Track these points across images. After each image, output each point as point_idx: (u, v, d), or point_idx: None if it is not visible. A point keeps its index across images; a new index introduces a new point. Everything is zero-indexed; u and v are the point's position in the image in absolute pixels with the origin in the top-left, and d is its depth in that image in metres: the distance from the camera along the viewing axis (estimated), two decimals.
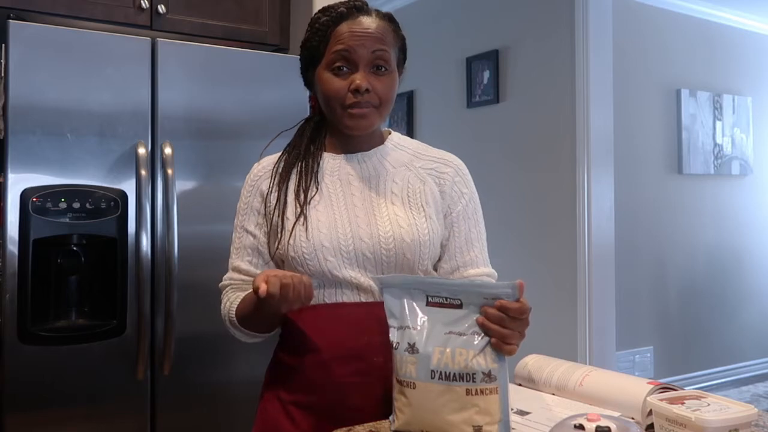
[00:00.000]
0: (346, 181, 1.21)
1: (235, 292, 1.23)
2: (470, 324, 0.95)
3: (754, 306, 4.83)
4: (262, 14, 2.40)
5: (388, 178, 1.22)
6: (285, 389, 1.19)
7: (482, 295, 0.95)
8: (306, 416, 1.15)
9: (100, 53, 1.92)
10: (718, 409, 0.88)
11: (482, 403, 0.92)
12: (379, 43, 1.16)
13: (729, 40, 4.72)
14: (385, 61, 1.16)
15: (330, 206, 1.18)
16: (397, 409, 0.99)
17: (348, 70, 1.15)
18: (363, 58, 1.14)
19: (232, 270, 1.25)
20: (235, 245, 1.25)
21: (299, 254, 1.14)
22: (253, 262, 1.22)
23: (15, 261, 1.80)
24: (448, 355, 0.94)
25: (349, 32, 1.15)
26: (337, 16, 1.17)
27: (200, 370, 2.02)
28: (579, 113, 3.39)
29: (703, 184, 4.58)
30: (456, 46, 4.14)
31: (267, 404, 1.22)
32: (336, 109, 1.17)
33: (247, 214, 1.24)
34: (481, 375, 0.93)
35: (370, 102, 1.15)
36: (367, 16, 1.17)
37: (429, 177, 1.24)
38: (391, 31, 1.19)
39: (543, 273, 3.57)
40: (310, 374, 1.15)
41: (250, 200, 1.24)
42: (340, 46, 1.14)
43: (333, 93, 1.15)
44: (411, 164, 1.25)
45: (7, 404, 1.79)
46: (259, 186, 1.24)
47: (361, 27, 1.15)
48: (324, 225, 1.15)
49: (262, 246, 1.22)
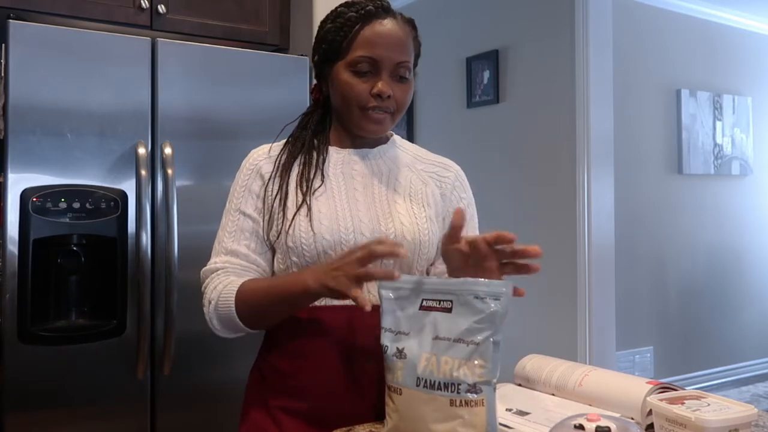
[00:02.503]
0: (350, 176, 1.20)
1: (228, 276, 1.15)
2: (457, 330, 0.93)
3: (754, 306, 4.83)
4: (262, 14, 2.41)
5: (391, 176, 1.22)
6: (272, 394, 1.16)
7: (475, 294, 0.93)
8: (294, 422, 1.13)
9: (100, 53, 1.92)
10: (718, 409, 0.88)
11: (467, 415, 0.90)
12: (405, 53, 1.16)
13: (729, 40, 4.72)
14: (407, 71, 1.17)
15: (332, 199, 1.17)
16: (386, 413, 0.99)
17: (371, 73, 1.15)
18: (388, 66, 1.15)
19: (226, 253, 1.17)
20: (227, 229, 1.19)
21: (298, 245, 1.12)
22: (251, 247, 1.17)
23: (15, 261, 1.80)
24: (434, 363, 0.92)
25: (377, 37, 1.14)
26: (365, 14, 1.15)
27: (200, 370, 2.02)
28: (579, 113, 3.39)
29: (703, 184, 4.58)
30: (456, 46, 4.14)
31: (251, 409, 1.19)
32: (353, 110, 1.16)
33: (245, 197, 1.19)
34: (466, 386, 0.90)
35: (388, 108, 1.16)
36: (393, 20, 1.17)
37: (430, 179, 1.25)
38: (413, 39, 1.20)
39: (543, 273, 3.55)
40: (300, 379, 1.13)
41: (249, 183, 1.20)
42: (367, 51, 1.14)
43: (354, 94, 1.15)
44: (413, 166, 1.26)
45: (7, 404, 1.79)
46: (258, 170, 1.20)
47: (389, 33, 1.15)
48: (325, 217, 1.14)
49: (261, 231, 1.18)
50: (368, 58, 1.14)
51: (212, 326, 1.16)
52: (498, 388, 0.96)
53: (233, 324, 1.13)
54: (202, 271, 1.20)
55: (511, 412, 1.06)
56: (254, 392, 1.20)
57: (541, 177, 3.61)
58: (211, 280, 1.16)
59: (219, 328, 1.15)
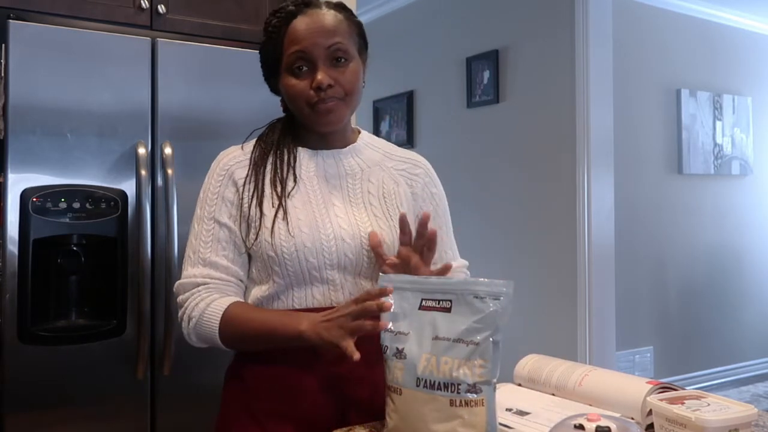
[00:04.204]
0: (323, 179, 1.19)
1: (210, 294, 1.13)
2: (457, 330, 0.93)
3: (754, 306, 4.83)
4: (262, 14, 2.40)
5: (364, 177, 1.22)
6: (255, 397, 1.14)
7: (475, 294, 0.93)
8: (281, 427, 1.11)
9: (100, 53, 1.92)
10: (718, 409, 0.88)
11: (467, 415, 0.90)
12: (334, 36, 1.14)
13: (729, 40, 4.72)
14: (343, 53, 1.14)
15: (309, 203, 1.16)
16: (386, 414, 0.98)
17: (308, 68, 1.14)
18: (320, 54, 1.13)
19: (205, 265, 1.14)
20: (203, 238, 1.16)
21: (279, 253, 1.11)
22: (230, 257, 1.15)
23: (15, 261, 1.80)
24: (434, 363, 0.92)
25: (301, 31, 1.13)
26: (287, 15, 1.15)
27: (200, 370, 2.02)
28: (579, 113, 3.39)
29: (703, 184, 4.57)
30: (456, 46, 4.14)
31: (234, 416, 1.16)
32: (303, 110, 1.15)
33: (218, 205, 1.16)
34: (466, 386, 0.90)
35: (335, 96, 1.14)
36: (317, 9, 1.15)
37: (401, 178, 1.25)
38: (345, 20, 1.17)
39: (543, 273, 3.57)
40: (285, 382, 1.12)
41: (221, 190, 1.17)
42: (295, 46, 1.13)
43: (297, 94, 1.14)
44: (383, 164, 1.25)
45: (7, 404, 1.79)
46: (231, 175, 1.17)
47: (313, 22, 1.14)
48: (305, 224, 1.13)
49: (238, 239, 1.15)
50: (299, 52, 1.13)
51: (188, 339, 1.16)
52: (498, 388, 0.96)
53: (212, 342, 1.14)
54: (179, 283, 1.16)
55: (511, 412, 1.06)
56: (234, 395, 1.18)
57: (541, 177, 3.61)
58: (191, 296, 1.14)
59: (195, 342, 1.16)
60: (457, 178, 4.01)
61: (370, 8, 4.77)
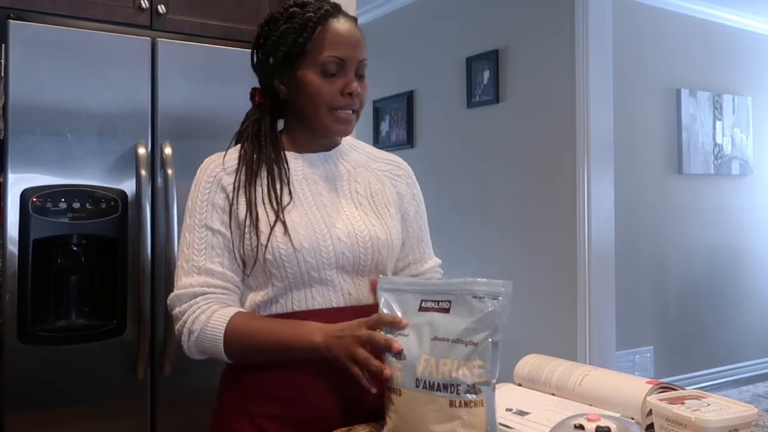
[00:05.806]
0: (312, 181, 1.20)
1: (210, 305, 1.11)
2: (456, 331, 0.92)
3: (754, 306, 4.83)
4: (262, 14, 2.39)
5: (351, 178, 1.23)
6: (254, 401, 1.13)
7: (474, 294, 0.93)
8: (279, 429, 1.11)
9: (100, 53, 1.93)
10: (718, 409, 0.88)
11: (466, 416, 0.89)
12: (364, 51, 1.18)
13: (729, 40, 4.72)
14: (365, 69, 1.19)
15: (301, 207, 1.16)
16: (386, 414, 0.98)
17: (338, 74, 1.15)
18: (352, 65, 1.15)
19: (201, 273, 1.12)
20: (195, 246, 1.13)
21: (277, 257, 1.10)
22: (225, 264, 1.13)
23: (15, 261, 1.80)
24: (433, 364, 0.92)
25: (342, 37, 1.14)
26: (324, 14, 1.15)
27: (200, 370, 2.02)
28: (579, 113, 3.39)
29: (703, 184, 4.57)
30: (456, 46, 4.14)
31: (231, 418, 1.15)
32: (321, 111, 1.15)
33: (209, 212, 1.15)
34: (465, 387, 0.90)
35: (353, 107, 1.17)
36: (347, 20, 1.17)
37: (386, 178, 1.27)
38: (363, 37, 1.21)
39: (543, 273, 3.57)
40: (286, 385, 1.11)
41: (211, 197, 1.16)
42: (335, 51, 1.13)
43: (324, 95, 1.14)
44: (368, 165, 1.27)
45: (7, 404, 1.79)
46: (219, 181, 1.16)
47: (350, 32, 1.16)
48: (301, 226, 1.13)
49: (231, 245, 1.14)
50: (336, 58, 1.13)
51: (188, 353, 1.13)
52: (498, 388, 0.96)
53: (215, 356, 1.11)
54: (175, 295, 1.13)
55: (511, 412, 1.06)
56: (230, 396, 1.17)
57: (541, 177, 3.61)
58: (190, 308, 1.11)
59: (195, 355, 1.13)
60: (457, 178, 4.02)
61: (370, 8, 4.77)
